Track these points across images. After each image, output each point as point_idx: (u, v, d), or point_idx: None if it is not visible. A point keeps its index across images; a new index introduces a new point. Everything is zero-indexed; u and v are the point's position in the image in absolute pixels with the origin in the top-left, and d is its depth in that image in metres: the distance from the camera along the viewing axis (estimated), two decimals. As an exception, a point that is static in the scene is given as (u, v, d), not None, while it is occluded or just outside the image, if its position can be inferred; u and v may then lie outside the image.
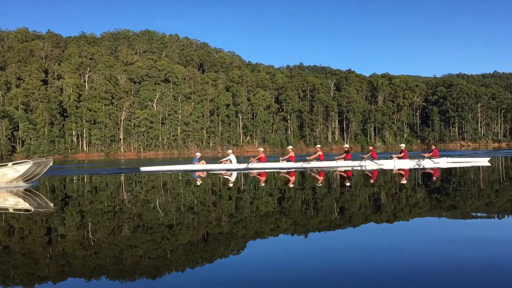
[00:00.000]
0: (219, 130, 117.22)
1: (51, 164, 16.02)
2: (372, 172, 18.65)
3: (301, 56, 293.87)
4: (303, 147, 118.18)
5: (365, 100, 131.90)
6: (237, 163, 23.05)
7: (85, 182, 17.62)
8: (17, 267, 4.98)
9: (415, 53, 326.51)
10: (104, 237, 6.32)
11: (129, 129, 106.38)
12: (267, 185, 13.97)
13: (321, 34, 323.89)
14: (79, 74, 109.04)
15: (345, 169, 20.69)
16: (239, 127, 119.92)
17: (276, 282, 4.26)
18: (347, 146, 25.75)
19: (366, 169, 20.68)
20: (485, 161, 22.93)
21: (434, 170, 19.23)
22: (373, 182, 14.23)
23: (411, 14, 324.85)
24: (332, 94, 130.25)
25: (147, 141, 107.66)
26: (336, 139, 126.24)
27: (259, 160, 22.64)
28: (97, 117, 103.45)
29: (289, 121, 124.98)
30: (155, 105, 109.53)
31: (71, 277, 4.65)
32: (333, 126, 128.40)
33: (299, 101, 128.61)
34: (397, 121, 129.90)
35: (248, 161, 22.80)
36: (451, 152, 42.66)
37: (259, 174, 19.05)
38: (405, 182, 14.12)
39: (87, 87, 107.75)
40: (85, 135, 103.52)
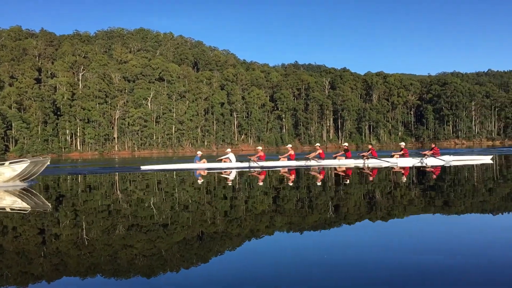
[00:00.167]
0: (214, 128, 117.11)
1: (48, 163, 15.92)
2: (372, 170, 18.60)
3: (296, 54, 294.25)
4: (298, 145, 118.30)
5: (360, 98, 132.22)
6: (236, 161, 23.06)
7: (86, 181, 17.51)
8: (11, 267, 4.95)
9: (409, 51, 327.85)
10: (98, 236, 6.29)
11: (123, 128, 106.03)
12: (278, 184, 13.94)
13: (316, 32, 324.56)
14: (73, 72, 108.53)
15: (347, 168, 20.59)
16: (234, 126, 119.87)
17: (271, 280, 4.25)
18: (346, 144, 25.70)
19: (369, 167, 20.63)
20: (488, 159, 23.01)
21: (436, 168, 19.07)
22: (391, 180, 14.20)
23: (406, 13, 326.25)
24: (327, 92, 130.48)
25: (141, 140, 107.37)
26: (331, 138, 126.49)
27: (259, 158, 22.61)
28: (91, 116, 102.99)
29: (284, 120, 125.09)
30: (149, 104, 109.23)
31: (65, 276, 4.61)
32: (328, 124, 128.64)
33: (294, 99, 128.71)
34: (391, 120, 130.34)
35: (249, 159, 22.67)
36: (446, 150, 42.74)
37: (259, 172, 19.01)
38: (418, 180, 14.09)
39: (80, 85, 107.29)
40: (78, 134, 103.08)
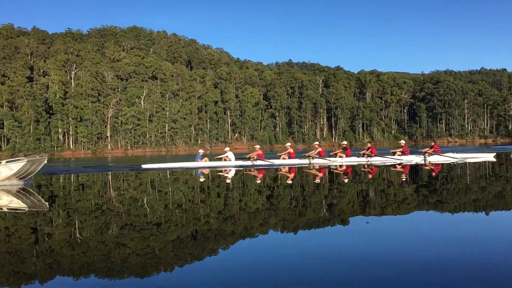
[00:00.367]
0: (207, 127, 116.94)
1: (46, 161, 15.78)
2: (372, 168, 18.62)
3: (290, 53, 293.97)
4: (292, 144, 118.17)
5: (353, 96, 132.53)
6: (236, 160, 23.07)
7: (85, 181, 17.43)
8: (3, 266, 4.91)
9: (403, 50, 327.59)
10: (92, 235, 6.25)
11: (116, 127, 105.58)
12: (285, 182, 13.93)
13: (310, 31, 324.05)
14: (65, 71, 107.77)
15: (348, 165, 20.62)
16: (228, 124, 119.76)
17: (266, 278, 4.24)
18: (345, 142, 25.71)
19: (372, 164, 20.62)
20: (491, 156, 23.10)
21: (437, 166, 19.00)
22: (404, 177, 14.21)
23: (400, 11, 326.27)
24: (320, 90, 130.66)
25: (134, 138, 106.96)
26: (324, 136, 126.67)
27: (257, 156, 22.59)
28: (83, 115, 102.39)
29: (277, 118, 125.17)
30: (142, 102, 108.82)
31: (59, 275, 4.57)
32: (321, 122, 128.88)
33: (288, 98, 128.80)
34: (385, 118, 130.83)
35: (248, 158, 22.59)
36: (442, 148, 42.82)
37: (258, 171, 18.93)
38: (427, 177, 14.16)
39: (73, 84, 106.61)
40: (71, 133, 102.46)
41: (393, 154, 22.93)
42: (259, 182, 14.07)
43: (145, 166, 22.86)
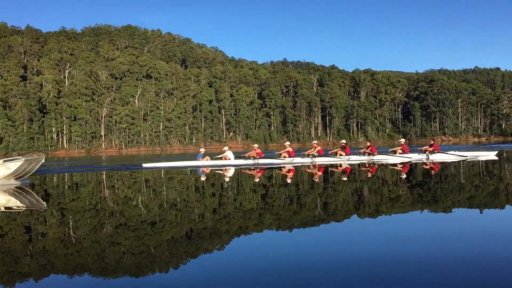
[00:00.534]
0: (202, 126, 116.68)
1: (43, 161, 15.67)
2: (370, 166, 18.63)
3: (285, 51, 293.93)
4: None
5: (348, 95, 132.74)
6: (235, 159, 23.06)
7: (89, 180, 17.35)
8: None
9: (397, 49, 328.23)
10: (86, 234, 6.23)
11: (110, 126, 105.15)
12: (287, 181, 13.92)
13: (305, 30, 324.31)
14: (59, 70, 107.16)
15: (349, 164, 20.64)
16: (222, 123, 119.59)
17: (261, 276, 4.25)
18: (344, 141, 25.84)
19: (375, 163, 20.61)
20: (493, 154, 23.21)
21: (439, 164, 18.96)
22: (405, 176, 14.23)
23: (394, 10, 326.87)
24: (315, 89, 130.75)
25: (128, 137, 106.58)
26: (319, 135, 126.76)
27: (257, 155, 22.55)
28: (77, 114, 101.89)
29: (272, 117, 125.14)
30: (136, 101, 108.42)
31: (53, 274, 4.56)
32: (316, 121, 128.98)
33: (282, 97, 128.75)
34: (379, 117, 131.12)
35: (248, 157, 22.57)
36: (441, 146, 42.92)
37: (258, 170, 18.90)
38: (435, 176, 14.15)
39: (67, 83, 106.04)
40: (65, 132, 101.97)
41: (393, 152, 23.01)
42: (286, 180, 14.06)
43: (145, 165, 22.86)
